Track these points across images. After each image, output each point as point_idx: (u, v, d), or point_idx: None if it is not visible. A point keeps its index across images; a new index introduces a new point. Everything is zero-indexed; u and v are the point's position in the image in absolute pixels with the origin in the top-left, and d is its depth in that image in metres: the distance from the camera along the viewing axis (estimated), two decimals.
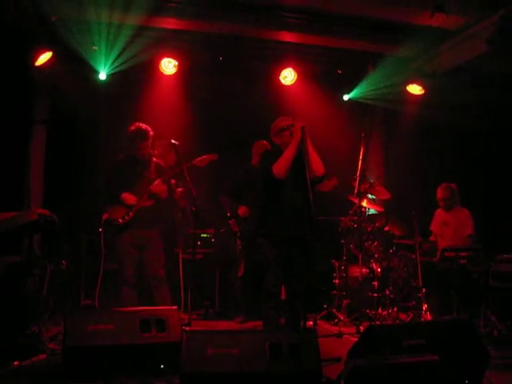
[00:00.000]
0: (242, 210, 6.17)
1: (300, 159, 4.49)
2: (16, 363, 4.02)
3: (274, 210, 4.66)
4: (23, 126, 6.70)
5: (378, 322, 5.85)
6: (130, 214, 5.23)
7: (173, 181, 5.35)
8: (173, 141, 5.20)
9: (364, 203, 6.51)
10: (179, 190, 5.35)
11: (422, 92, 7.60)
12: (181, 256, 6.47)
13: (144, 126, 5.35)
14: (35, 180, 6.82)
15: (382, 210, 6.91)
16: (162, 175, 5.30)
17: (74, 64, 6.71)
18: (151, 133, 5.35)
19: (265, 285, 4.62)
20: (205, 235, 7.01)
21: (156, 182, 5.23)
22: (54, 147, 6.95)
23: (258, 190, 4.98)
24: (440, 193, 6.58)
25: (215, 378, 3.15)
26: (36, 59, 6.35)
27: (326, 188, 6.11)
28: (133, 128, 5.35)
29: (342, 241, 6.55)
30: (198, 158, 5.35)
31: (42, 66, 6.44)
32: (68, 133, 7.04)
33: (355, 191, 6.36)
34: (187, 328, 4.55)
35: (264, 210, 4.81)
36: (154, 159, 5.48)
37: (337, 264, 6.67)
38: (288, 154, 4.52)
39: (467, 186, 6.72)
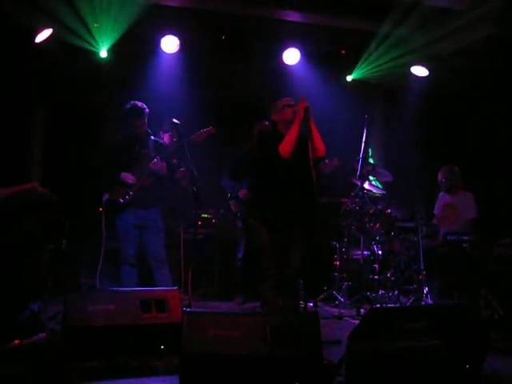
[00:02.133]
0: (243, 193, 6.15)
1: (303, 139, 4.45)
2: (16, 342, 4.02)
3: (274, 191, 4.61)
4: (23, 108, 6.65)
5: (378, 305, 5.85)
6: (131, 193, 5.20)
7: (174, 160, 5.30)
8: (174, 120, 5.14)
9: (366, 185, 6.48)
10: (181, 169, 5.31)
11: (427, 73, 7.53)
12: (182, 236, 6.45)
13: (139, 103, 5.29)
14: (35, 159, 6.79)
15: (383, 192, 6.88)
16: (161, 153, 5.25)
17: (75, 41, 6.62)
18: (147, 110, 5.29)
19: (261, 267, 4.59)
20: (205, 215, 6.99)
21: (155, 159, 5.19)
22: (54, 128, 6.90)
23: (256, 170, 4.93)
24: (441, 175, 6.54)
25: (215, 359, 3.13)
26: (36, 36, 6.27)
27: (327, 169, 6.06)
28: (128, 106, 5.29)
29: (344, 223, 6.54)
30: (196, 133, 5.27)
31: (42, 44, 6.35)
32: (68, 113, 6.99)
33: (357, 173, 6.32)
34: (188, 309, 4.53)
35: (263, 191, 4.76)
36: (152, 137, 5.43)
37: (338, 246, 6.66)
38: (293, 134, 4.45)
39: (471, 168, 6.68)
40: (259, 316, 3.42)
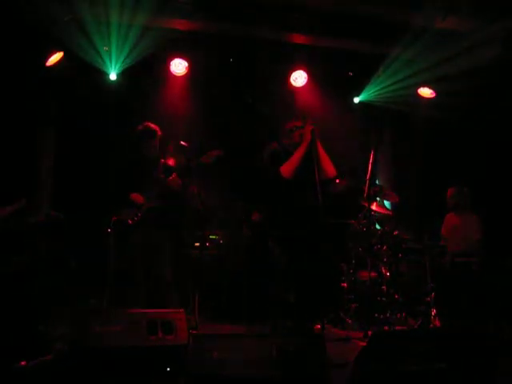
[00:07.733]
0: (255, 216, 6.21)
1: (310, 161, 4.47)
2: (22, 363, 4.01)
3: (284, 212, 4.63)
4: (33, 126, 6.72)
5: (386, 327, 5.81)
6: (139, 214, 5.22)
7: (186, 179, 5.34)
8: (182, 142, 5.18)
9: (373, 207, 6.47)
10: (190, 190, 5.34)
11: (433, 95, 7.55)
12: (192, 257, 6.47)
13: (152, 125, 5.34)
14: (45, 180, 6.84)
15: (391, 213, 6.86)
16: (170, 174, 5.28)
17: (85, 64, 6.71)
18: (159, 133, 5.34)
19: (274, 290, 4.58)
20: (213, 236, 6.99)
21: (173, 175, 5.21)
22: (63, 147, 6.96)
23: (267, 191, 4.96)
24: (450, 195, 6.54)
25: (221, 381, 3.12)
26: (47, 59, 6.36)
27: (335, 189, 6.09)
28: (141, 127, 5.33)
29: (351, 244, 6.51)
30: (204, 156, 5.30)
31: (52, 65, 6.45)
32: (78, 133, 7.04)
33: (365, 194, 6.32)
34: (194, 331, 4.53)
35: (274, 212, 4.78)
36: (162, 159, 5.46)
37: (345, 267, 6.63)
38: (297, 155, 4.51)
39: (478, 189, 6.66)
40: (265, 338, 3.41)
